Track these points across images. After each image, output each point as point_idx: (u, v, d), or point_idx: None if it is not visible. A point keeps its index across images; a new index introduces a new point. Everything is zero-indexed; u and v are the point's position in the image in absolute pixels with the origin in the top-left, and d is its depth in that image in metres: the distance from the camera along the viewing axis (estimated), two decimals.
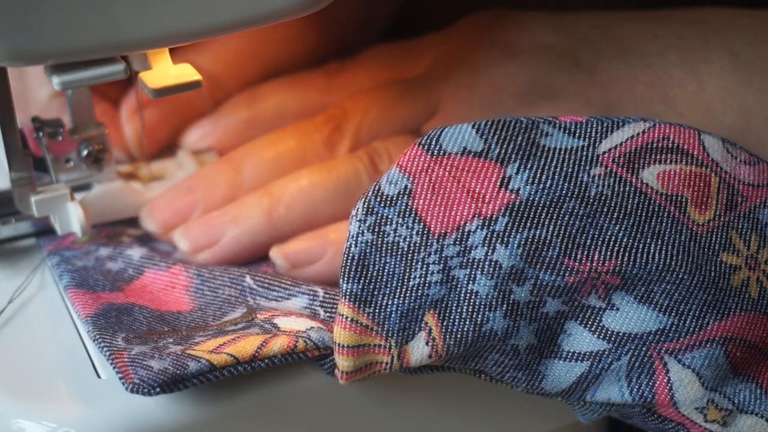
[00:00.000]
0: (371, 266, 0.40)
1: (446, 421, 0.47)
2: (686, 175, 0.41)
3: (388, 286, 0.40)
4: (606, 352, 0.40)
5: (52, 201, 0.48)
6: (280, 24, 0.56)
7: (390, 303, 0.40)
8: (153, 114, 0.54)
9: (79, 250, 0.49)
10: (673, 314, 0.40)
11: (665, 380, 0.40)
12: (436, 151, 0.41)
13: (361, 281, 0.40)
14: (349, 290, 0.40)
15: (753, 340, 0.41)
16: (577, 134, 0.41)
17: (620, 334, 0.40)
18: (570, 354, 0.41)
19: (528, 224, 0.40)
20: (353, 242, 0.40)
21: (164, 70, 0.45)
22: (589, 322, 0.40)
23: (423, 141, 0.41)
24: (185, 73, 0.45)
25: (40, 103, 0.53)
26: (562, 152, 0.41)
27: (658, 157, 0.41)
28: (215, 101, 0.56)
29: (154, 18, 0.40)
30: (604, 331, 0.40)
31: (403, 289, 0.40)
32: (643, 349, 0.40)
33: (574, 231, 0.40)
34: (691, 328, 0.40)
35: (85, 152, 0.50)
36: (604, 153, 0.41)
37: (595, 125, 0.42)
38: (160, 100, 0.54)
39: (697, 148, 0.42)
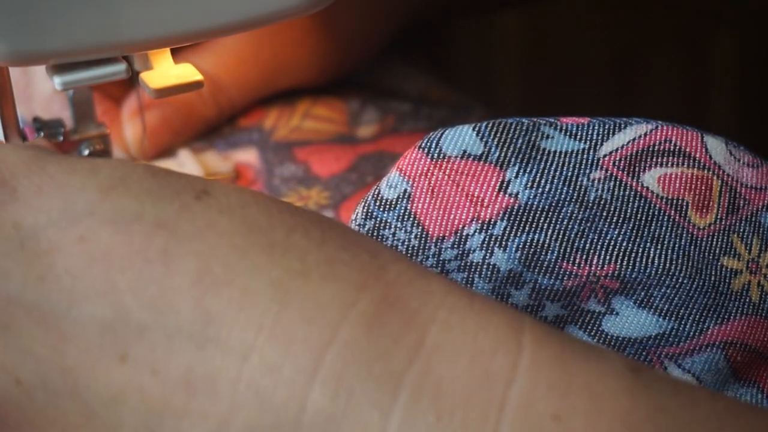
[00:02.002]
0: None
1: None
2: (687, 179, 0.41)
3: None
4: None
5: None
6: (282, 28, 0.56)
7: None
8: (155, 116, 0.54)
9: None
10: (673, 319, 0.40)
11: None
12: (436, 155, 0.41)
13: None
14: None
15: (754, 345, 0.41)
16: (578, 137, 0.41)
17: (620, 338, 0.40)
18: None
19: (526, 228, 0.39)
20: None
21: (165, 71, 0.45)
22: (589, 327, 0.40)
23: (423, 144, 0.41)
24: (187, 73, 0.45)
25: (45, 96, 0.53)
26: (563, 155, 0.41)
27: (659, 160, 0.41)
28: (217, 104, 0.56)
29: (156, 18, 0.40)
30: (603, 335, 0.40)
31: None
32: (643, 353, 0.40)
33: (572, 235, 0.39)
34: (692, 333, 0.40)
35: (86, 152, 0.50)
36: (604, 156, 0.41)
37: (597, 127, 0.41)
38: (162, 102, 0.54)
39: (700, 150, 0.42)
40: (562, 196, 0.40)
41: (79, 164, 0.34)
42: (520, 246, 0.39)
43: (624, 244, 0.39)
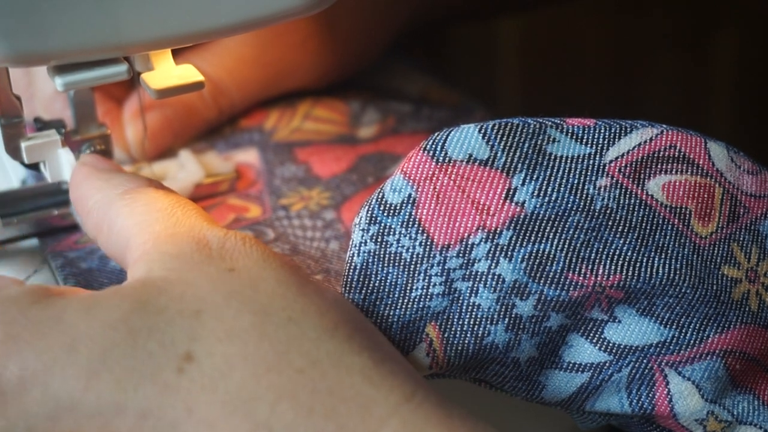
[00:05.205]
0: (373, 276, 0.40)
1: None
2: (691, 186, 0.41)
3: (390, 296, 0.40)
4: (607, 364, 0.40)
5: (42, 147, 0.47)
6: (284, 30, 0.56)
7: (391, 313, 0.40)
8: (155, 117, 0.54)
9: (82, 250, 0.49)
10: (674, 327, 0.40)
11: (665, 392, 0.40)
12: (441, 158, 0.40)
13: (363, 291, 0.40)
14: (350, 300, 0.40)
15: (752, 353, 0.41)
16: (584, 140, 0.41)
17: (621, 346, 0.40)
18: (571, 365, 0.41)
19: (532, 238, 0.39)
20: (356, 251, 0.40)
21: (167, 71, 0.45)
22: (591, 334, 0.40)
23: (428, 146, 0.41)
24: (188, 73, 0.45)
25: (46, 97, 0.53)
26: (569, 161, 0.40)
27: (664, 166, 0.41)
28: (218, 106, 0.56)
29: (157, 19, 0.40)
30: (605, 343, 0.40)
31: (405, 300, 0.40)
32: (644, 361, 0.40)
33: (578, 245, 0.39)
34: (692, 341, 0.40)
35: (87, 152, 0.50)
36: (610, 162, 0.41)
37: (602, 130, 0.41)
38: (163, 104, 0.54)
39: (703, 157, 0.42)
40: (569, 205, 0.40)
41: (56, 339, 0.34)
42: (526, 256, 0.39)
43: (629, 254, 0.39)
